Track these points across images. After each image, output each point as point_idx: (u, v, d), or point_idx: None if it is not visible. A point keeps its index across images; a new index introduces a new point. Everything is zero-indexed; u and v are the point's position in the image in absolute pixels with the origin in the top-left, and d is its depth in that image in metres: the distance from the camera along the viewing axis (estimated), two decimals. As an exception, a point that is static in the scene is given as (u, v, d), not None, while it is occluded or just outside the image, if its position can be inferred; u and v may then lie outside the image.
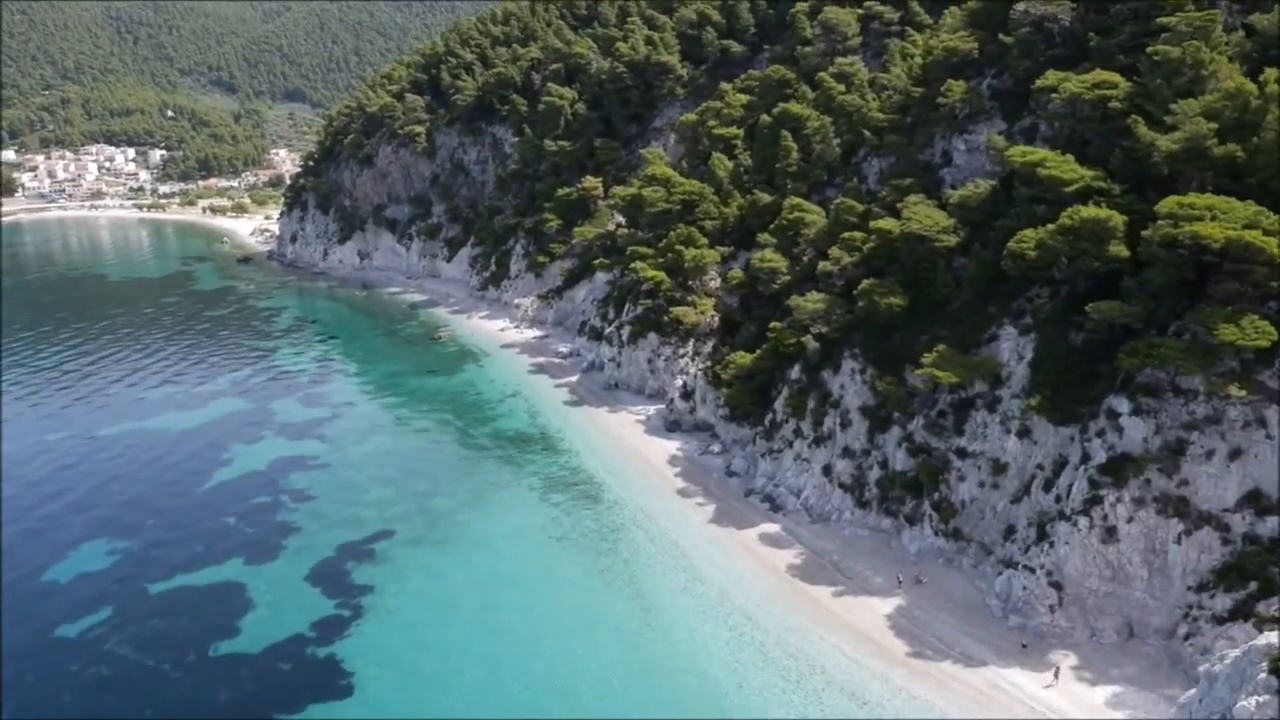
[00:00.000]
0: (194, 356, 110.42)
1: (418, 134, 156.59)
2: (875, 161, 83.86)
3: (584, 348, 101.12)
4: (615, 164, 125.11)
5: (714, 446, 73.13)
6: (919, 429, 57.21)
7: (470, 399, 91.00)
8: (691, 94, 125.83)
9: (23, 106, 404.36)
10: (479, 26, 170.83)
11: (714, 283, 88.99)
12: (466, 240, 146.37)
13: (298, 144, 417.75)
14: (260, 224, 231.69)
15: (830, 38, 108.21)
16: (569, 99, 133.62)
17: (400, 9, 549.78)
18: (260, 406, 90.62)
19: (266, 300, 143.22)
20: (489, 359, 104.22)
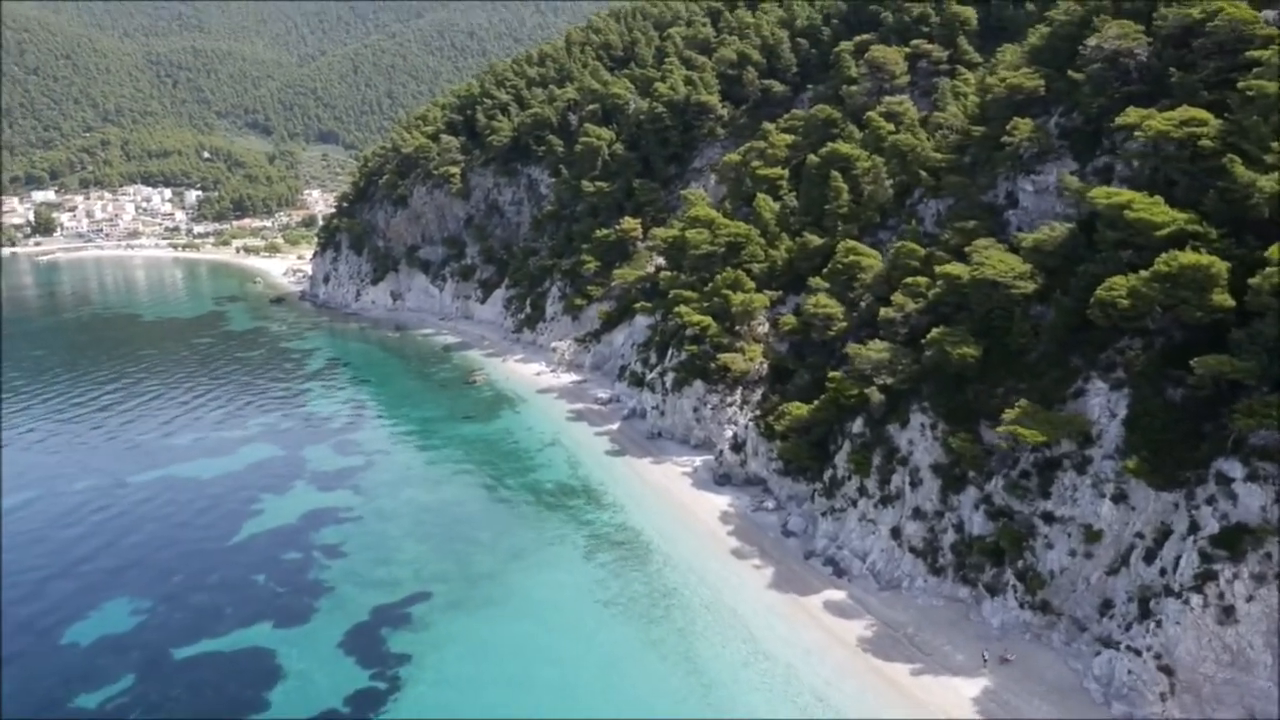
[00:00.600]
0: (225, 399, 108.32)
1: (453, 175, 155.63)
2: (932, 203, 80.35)
3: (624, 394, 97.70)
4: (654, 205, 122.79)
5: (768, 503, 69.06)
6: (998, 490, 52.91)
7: (507, 447, 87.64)
8: (732, 134, 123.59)
9: (64, 148, 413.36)
10: (514, 68, 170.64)
11: (762, 328, 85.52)
12: (501, 282, 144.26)
13: (330, 184, 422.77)
14: (293, 264, 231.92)
15: (877, 76, 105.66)
16: (607, 139, 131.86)
17: (433, 52, 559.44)
18: (291, 453, 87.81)
19: (298, 341, 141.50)
20: (526, 405, 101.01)
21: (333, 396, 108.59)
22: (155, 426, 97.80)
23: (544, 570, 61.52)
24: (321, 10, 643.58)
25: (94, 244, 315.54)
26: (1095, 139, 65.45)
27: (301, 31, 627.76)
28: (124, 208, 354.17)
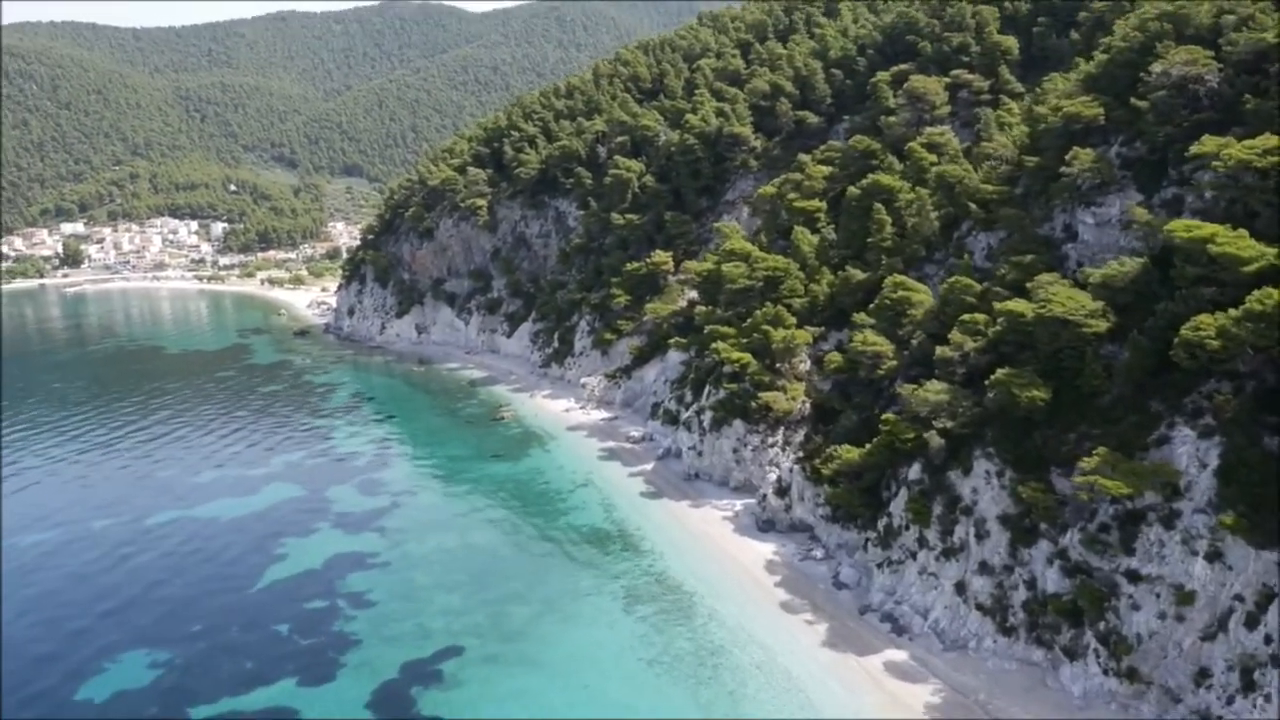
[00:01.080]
0: (248, 435, 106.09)
1: (479, 207, 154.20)
2: (982, 236, 77.16)
3: (658, 432, 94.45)
4: (686, 238, 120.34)
5: (816, 551, 65.37)
6: (1075, 545, 49.09)
7: (538, 488, 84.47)
8: (765, 166, 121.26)
9: (94, 181, 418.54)
10: (542, 100, 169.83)
11: (804, 365, 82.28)
12: (528, 315, 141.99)
13: (354, 217, 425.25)
14: (317, 296, 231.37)
15: (916, 107, 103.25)
16: (637, 171, 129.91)
17: (456, 87, 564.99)
18: (315, 493, 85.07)
19: (322, 375, 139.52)
20: (555, 442, 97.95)
21: (357, 433, 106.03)
22: (178, 463, 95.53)
23: (582, 624, 58.06)
24: (348, 46, 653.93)
25: (121, 275, 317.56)
26: (1161, 169, 62.33)
27: (328, 67, 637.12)
28: (151, 240, 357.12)
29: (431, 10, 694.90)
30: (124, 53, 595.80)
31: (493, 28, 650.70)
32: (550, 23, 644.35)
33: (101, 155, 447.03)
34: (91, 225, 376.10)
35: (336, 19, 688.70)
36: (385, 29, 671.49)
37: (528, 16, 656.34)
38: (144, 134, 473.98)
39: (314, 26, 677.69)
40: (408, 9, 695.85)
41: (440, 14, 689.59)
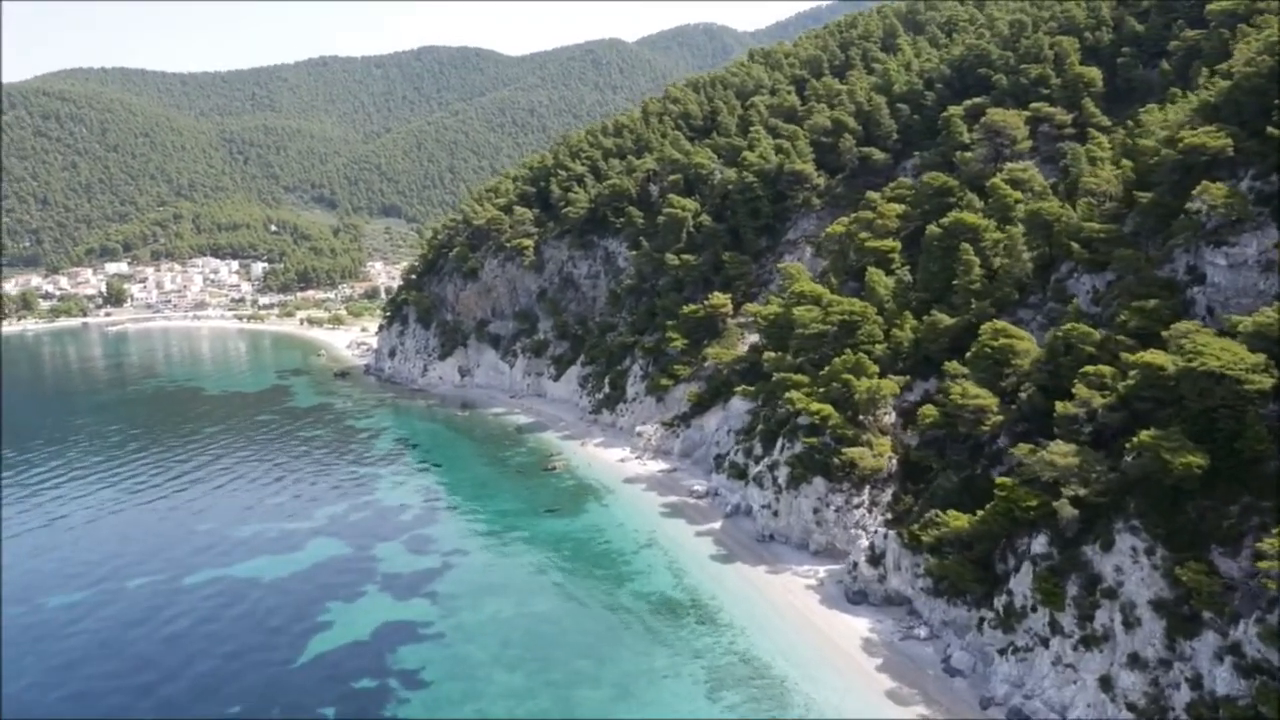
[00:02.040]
0: (289, 484, 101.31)
1: (526, 247, 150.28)
2: (1086, 278, 70.88)
3: (724, 487, 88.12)
4: (745, 279, 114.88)
5: (918, 629, 58.43)
6: (1250, 638, 41.97)
7: (599, 548, 78.29)
8: (828, 204, 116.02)
9: (138, 221, 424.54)
10: (589, 139, 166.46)
11: (888, 418, 75.87)
12: (575, 358, 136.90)
13: (392, 257, 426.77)
14: (356, 336, 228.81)
15: (995, 142, 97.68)
16: (691, 210, 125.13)
17: (494, 129, 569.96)
18: (361, 551, 79.60)
19: (364, 419, 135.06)
20: (613, 496, 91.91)
21: (403, 483, 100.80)
22: (217, 514, 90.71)
23: (662, 714, 51.45)
24: (387, 90, 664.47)
25: (162, 315, 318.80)
26: (1304, 205, 55.86)
27: (367, 110, 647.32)
28: (192, 279, 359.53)
29: (469, 54, 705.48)
30: (171, 97, 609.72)
31: (529, 70, 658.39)
32: (586, 65, 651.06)
33: (147, 196, 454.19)
34: (135, 265, 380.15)
35: (376, 63, 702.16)
36: (424, 72, 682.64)
37: (564, 59, 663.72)
38: (188, 175, 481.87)
39: (354, 70, 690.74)
40: (445, 53, 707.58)
41: (477, 57, 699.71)
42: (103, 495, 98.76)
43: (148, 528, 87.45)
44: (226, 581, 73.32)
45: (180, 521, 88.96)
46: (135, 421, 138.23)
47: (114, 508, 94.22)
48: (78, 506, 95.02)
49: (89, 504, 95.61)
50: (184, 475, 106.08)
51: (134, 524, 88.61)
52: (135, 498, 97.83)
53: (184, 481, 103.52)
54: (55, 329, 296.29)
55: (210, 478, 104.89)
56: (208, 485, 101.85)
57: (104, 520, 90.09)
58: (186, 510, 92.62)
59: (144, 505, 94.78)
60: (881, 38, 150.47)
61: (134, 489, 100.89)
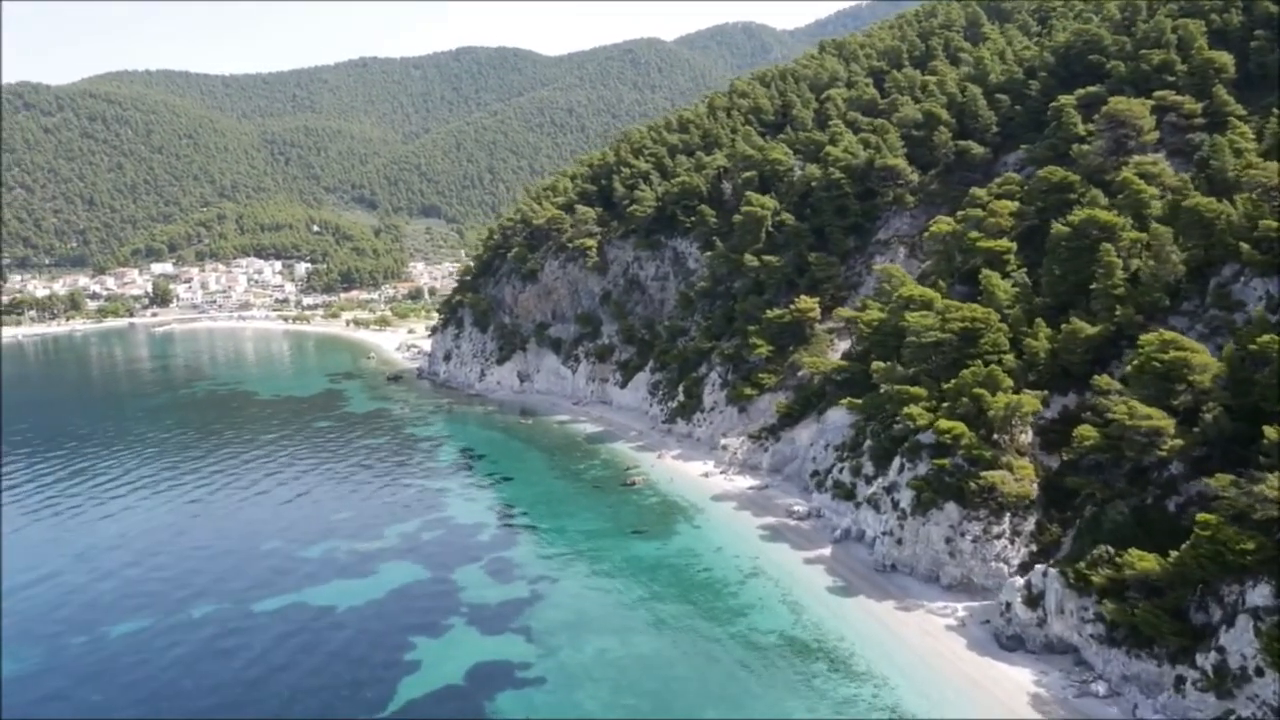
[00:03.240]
0: (355, 498, 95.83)
1: (589, 247, 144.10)
2: (1258, 282, 63.04)
3: (828, 508, 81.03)
4: (833, 282, 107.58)
5: (1095, 685, 50.90)
6: None
7: (699, 576, 71.53)
8: (922, 201, 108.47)
9: (182, 222, 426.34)
10: (652, 135, 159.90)
11: (1024, 437, 68.33)
12: (643, 364, 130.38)
13: (434, 257, 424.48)
14: (405, 338, 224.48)
15: (1116, 133, 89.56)
16: (771, 209, 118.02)
17: (533, 129, 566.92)
18: (439, 576, 73.55)
19: (424, 427, 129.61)
20: (703, 516, 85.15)
21: (474, 499, 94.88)
22: (281, 531, 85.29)
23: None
24: (426, 90, 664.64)
25: (207, 315, 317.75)
26: None
27: (406, 111, 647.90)
28: (236, 279, 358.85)
29: (507, 54, 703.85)
30: (214, 98, 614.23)
31: (568, 71, 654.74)
32: (625, 65, 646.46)
33: (190, 197, 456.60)
34: (180, 265, 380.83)
35: (415, 64, 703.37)
36: (462, 73, 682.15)
37: (602, 59, 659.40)
38: (231, 176, 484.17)
39: (393, 72, 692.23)
40: (483, 53, 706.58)
41: (516, 58, 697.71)
42: (161, 509, 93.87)
43: (211, 546, 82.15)
44: (299, 611, 67.54)
45: (244, 539, 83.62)
46: (189, 427, 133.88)
47: (173, 522, 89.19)
48: (136, 520, 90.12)
49: (147, 519, 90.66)
50: (242, 488, 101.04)
51: (196, 541, 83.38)
52: (194, 511, 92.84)
53: (244, 495, 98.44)
54: (102, 329, 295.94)
55: (271, 490, 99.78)
56: (268, 499, 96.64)
57: (164, 535, 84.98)
58: (249, 527, 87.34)
59: (205, 520, 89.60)
60: (964, 27, 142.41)
61: (192, 502, 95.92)
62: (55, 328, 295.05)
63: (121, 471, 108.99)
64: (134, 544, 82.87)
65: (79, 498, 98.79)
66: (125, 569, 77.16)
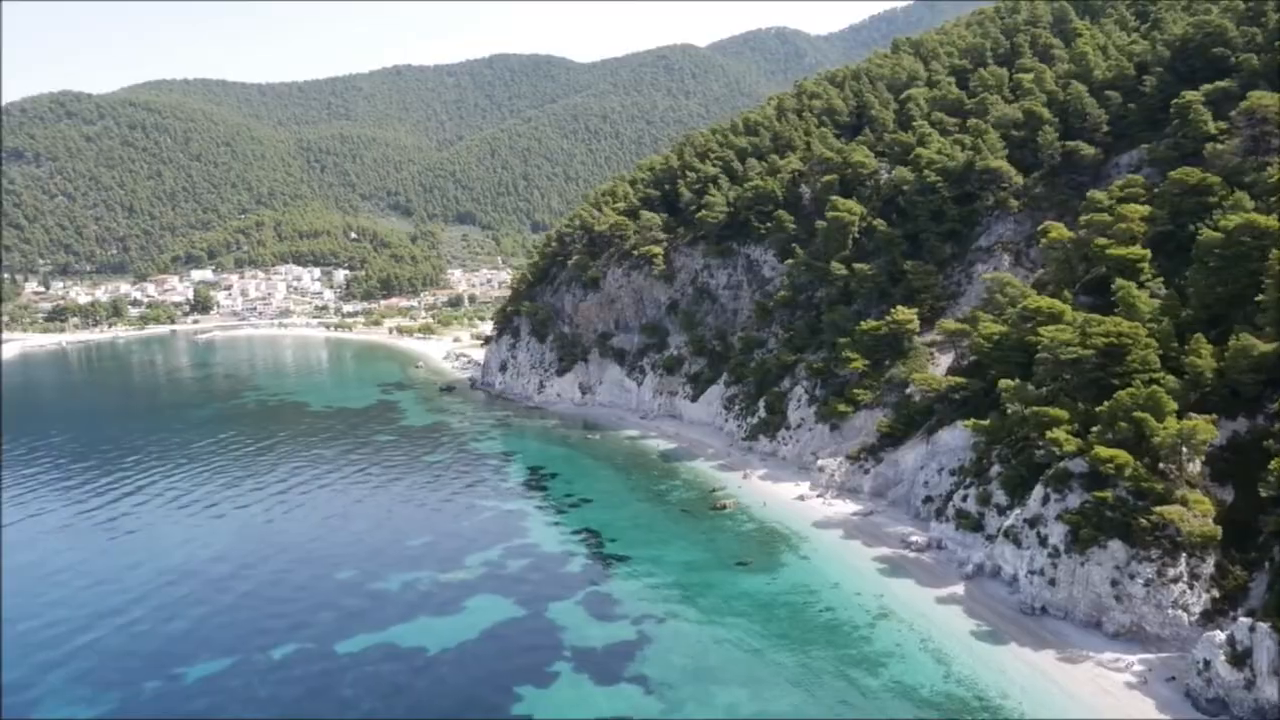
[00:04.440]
0: (428, 521, 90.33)
1: (655, 255, 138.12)
2: None
3: (950, 539, 74.17)
4: (931, 292, 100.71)
5: (1330, 765, 43.81)
6: None
7: (821, 617, 64.99)
8: (1026, 205, 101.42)
9: (221, 229, 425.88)
10: (718, 138, 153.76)
11: (1193, 466, 61.19)
12: (715, 377, 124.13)
13: (471, 264, 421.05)
14: (451, 347, 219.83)
15: (1255, 130, 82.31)
16: (858, 214, 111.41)
17: (566, 136, 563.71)
18: (535, 613, 67.59)
19: (488, 442, 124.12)
20: (808, 545, 78.60)
21: (555, 522, 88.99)
22: (356, 559, 79.81)
23: None
24: (459, 98, 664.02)
25: (248, 322, 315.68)
26: None
27: (440, 118, 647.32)
28: (276, 286, 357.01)
29: (540, 61, 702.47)
30: (250, 107, 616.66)
31: (601, 77, 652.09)
32: (659, 71, 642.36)
33: (228, 204, 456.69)
34: (219, 272, 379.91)
35: (448, 72, 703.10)
36: (495, 80, 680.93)
37: (635, 65, 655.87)
38: (268, 184, 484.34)
39: (427, 79, 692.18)
40: (517, 61, 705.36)
41: (549, 65, 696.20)
42: (226, 533, 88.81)
43: (286, 575, 76.72)
44: (387, 653, 61.85)
45: (320, 567, 78.23)
46: (245, 441, 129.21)
47: (243, 548, 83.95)
48: (206, 545, 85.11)
49: (216, 543, 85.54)
50: (308, 509, 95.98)
51: (270, 570, 77.93)
52: (262, 535, 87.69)
53: (310, 516, 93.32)
54: (144, 336, 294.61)
55: (340, 512, 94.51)
56: (338, 520, 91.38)
57: (236, 563, 79.68)
58: (322, 554, 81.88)
59: (276, 546, 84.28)
60: (1050, 23, 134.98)
61: (257, 526, 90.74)
62: (98, 334, 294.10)
63: (181, 490, 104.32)
64: (207, 571, 77.71)
65: (141, 517, 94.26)
66: (201, 599, 71.96)
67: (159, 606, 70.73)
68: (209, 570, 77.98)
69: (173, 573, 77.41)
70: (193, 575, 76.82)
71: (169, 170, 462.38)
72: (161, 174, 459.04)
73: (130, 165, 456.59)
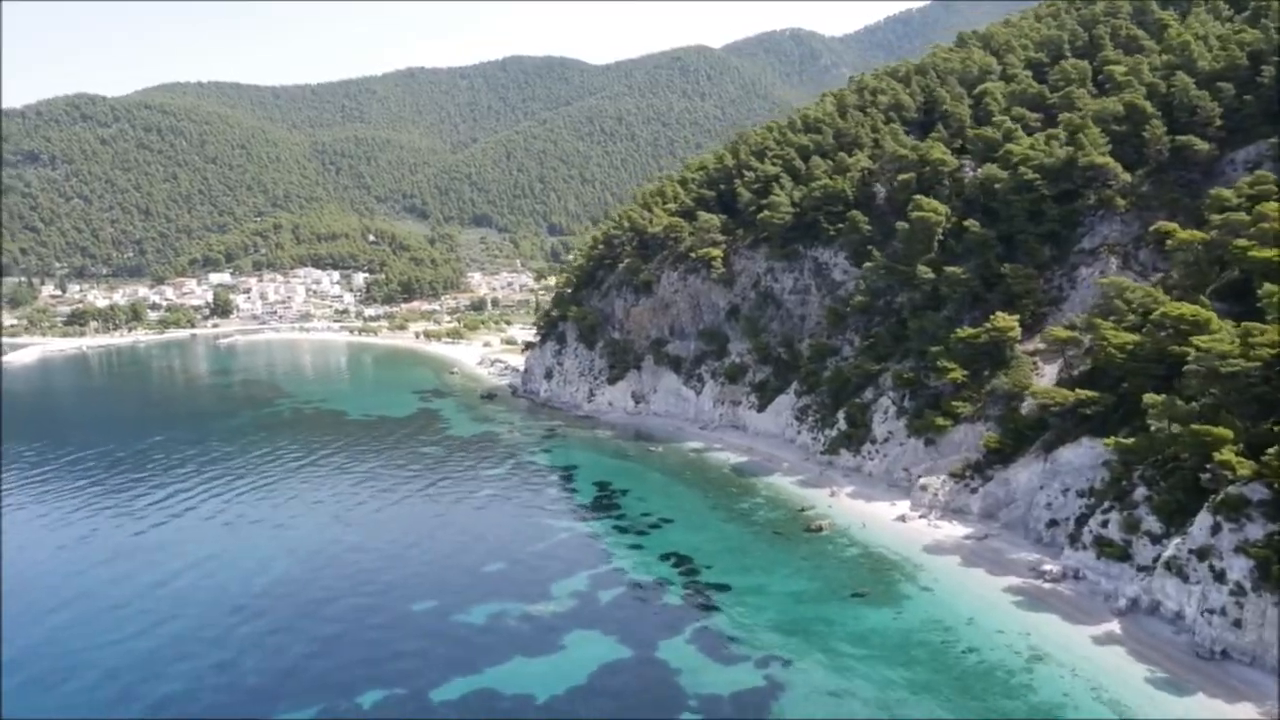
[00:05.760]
0: (498, 544, 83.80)
1: (714, 258, 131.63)
2: None
3: (1089, 568, 67.52)
4: (1032, 297, 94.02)
5: None
6: None
7: (967, 660, 58.34)
8: (1134, 204, 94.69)
9: (237, 232, 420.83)
10: (776, 136, 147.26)
11: (1397, 494, 54.49)
12: (784, 386, 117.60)
13: (490, 267, 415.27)
14: (484, 352, 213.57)
15: None
16: (944, 214, 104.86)
17: (582, 138, 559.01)
18: (642, 654, 61.06)
19: (543, 454, 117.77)
20: (926, 574, 72.02)
21: (638, 545, 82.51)
22: (433, 587, 73.44)
23: None
24: (473, 100, 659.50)
25: (269, 326, 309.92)
26: None
27: (454, 120, 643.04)
28: (295, 290, 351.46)
29: (554, 63, 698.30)
30: (264, 109, 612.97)
31: (615, 79, 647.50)
32: (674, 73, 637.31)
33: (244, 207, 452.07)
34: (237, 275, 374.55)
35: (461, 74, 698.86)
36: (509, 82, 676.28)
37: (650, 67, 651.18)
38: (284, 186, 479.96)
39: (440, 81, 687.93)
40: (530, 62, 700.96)
41: (562, 67, 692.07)
42: (285, 557, 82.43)
43: (360, 609, 70.01)
44: (489, 701, 55.42)
45: (393, 598, 71.74)
46: (285, 452, 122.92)
47: (311, 576, 77.56)
48: (258, 570, 78.81)
49: (281, 570, 79.13)
50: (367, 528, 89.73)
51: (344, 606, 70.92)
52: (324, 562, 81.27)
53: (374, 540, 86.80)
54: (165, 340, 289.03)
55: (403, 532, 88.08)
56: (403, 544, 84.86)
57: (307, 597, 73.14)
58: (394, 581, 75.42)
59: (343, 575, 77.59)
60: (1130, 14, 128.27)
61: (321, 550, 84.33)
62: (118, 339, 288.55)
63: (221, 505, 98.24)
64: (278, 608, 70.67)
65: (197, 538, 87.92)
66: (272, 635, 65.67)
67: (227, 644, 64.32)
68: (279, 606, 71.33)
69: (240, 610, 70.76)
70: (263, 614, 69.94)
71: (184, 173, 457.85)
72: (177, 176, 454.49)
73: (146, 168, 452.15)
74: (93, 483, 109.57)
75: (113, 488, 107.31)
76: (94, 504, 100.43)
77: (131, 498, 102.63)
